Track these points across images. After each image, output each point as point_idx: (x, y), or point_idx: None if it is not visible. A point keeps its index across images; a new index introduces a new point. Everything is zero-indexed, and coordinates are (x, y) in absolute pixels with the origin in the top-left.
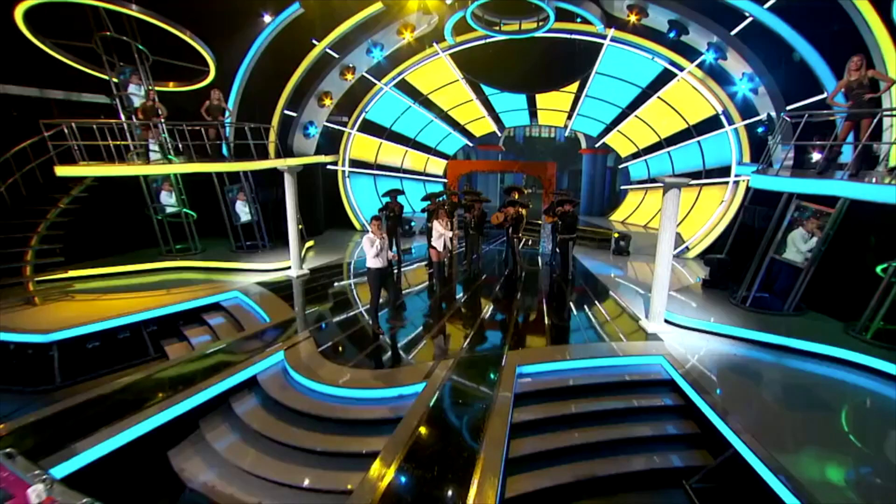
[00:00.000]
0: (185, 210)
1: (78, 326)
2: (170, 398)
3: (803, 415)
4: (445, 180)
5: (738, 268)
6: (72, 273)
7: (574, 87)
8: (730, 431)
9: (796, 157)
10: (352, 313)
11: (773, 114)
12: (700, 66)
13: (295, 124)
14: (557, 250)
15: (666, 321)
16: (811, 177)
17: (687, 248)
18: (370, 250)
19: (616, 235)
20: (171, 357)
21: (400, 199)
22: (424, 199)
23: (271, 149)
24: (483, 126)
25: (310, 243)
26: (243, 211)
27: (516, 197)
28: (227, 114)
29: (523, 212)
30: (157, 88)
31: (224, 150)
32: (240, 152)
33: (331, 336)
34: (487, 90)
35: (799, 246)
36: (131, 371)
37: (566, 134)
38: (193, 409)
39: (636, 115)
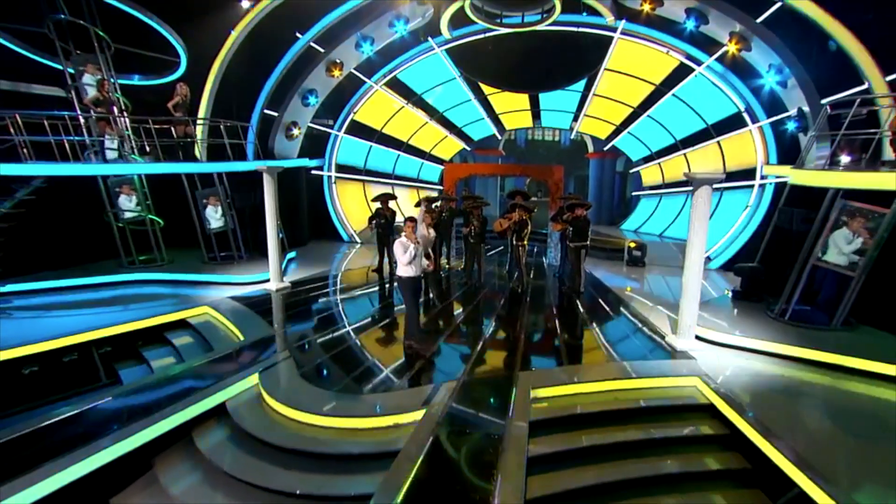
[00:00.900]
0: (149, 216)
1: (11, 348)
2: (118, 432)
3: (872, 446)
4: (441, 187)
5: (773, 277)
6: (10, 288)
7: (581, 85)
8: (794, 467)
9: (832, 156)
10: (338, 332)
11: (807, 108)
12: (720, 59)
13: (276, 125)
14: (567, 260)
15: (696, 338)
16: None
17: (708, 258)
18: (402, 256)
19: (632, 245)
20: (126, 383)
21: (392, 204)
22: (418, 204)
23: (250, 150)
24: (482, 129)
25: (291, 254)
26: (213, 217)
27: (520, 201)
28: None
29: (527, 217)
30: (121, 81)
31: (197, 151)
32: (215, 154)
33: (314, 356)
34: (486, 89)
35: (841, 247)
36: (76, 400)
37: (572, 137)
38: (147, 444)
39: (649, 115)
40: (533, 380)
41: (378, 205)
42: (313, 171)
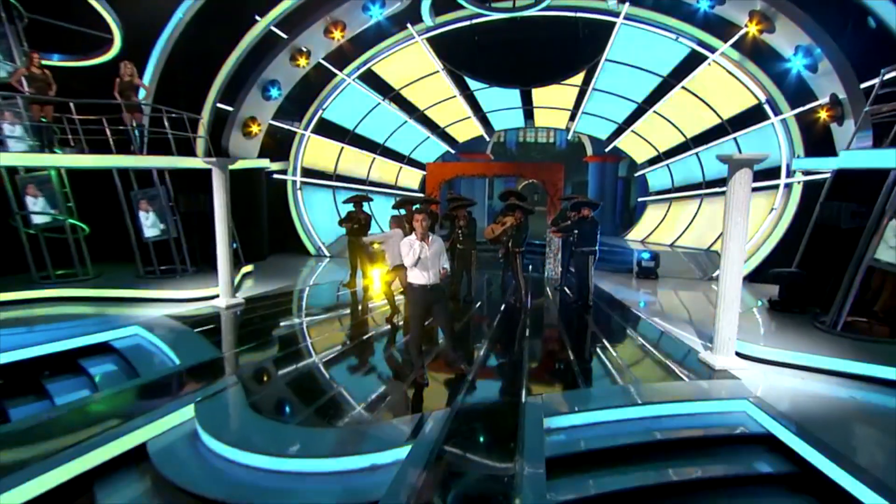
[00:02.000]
0: (70, 221)
1: None
2: None
3: None
4: (422, 195)
5: (817, 283)
6: None
7: (579, 79)
8: None
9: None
10: (300, 353)
11: (843, 95)
12: (737, 44)
13: (232, 120)
14: (571, 269)
15: (737, 354)
16: None
17: None
18: (407, 257)
19: (645, 255)
20: (14, 422)
21: (367, 207)
22: (396, 205)
23: (199, 146)
24: (467, 129)
25: (247, 268)
26: (147, 223)
27: (515, 200)
28: (141, 92)
29: (524, 219)
30: (43, 63)
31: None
32: (156, 149)
33: (270, 383)
34: (473, 84)
35: (889, 241)
36: None
37: (568, 138)
38: (30, 502)
39: (655, 111)
40: (546, 406)
41: (350, 207)
42: (276, 175)
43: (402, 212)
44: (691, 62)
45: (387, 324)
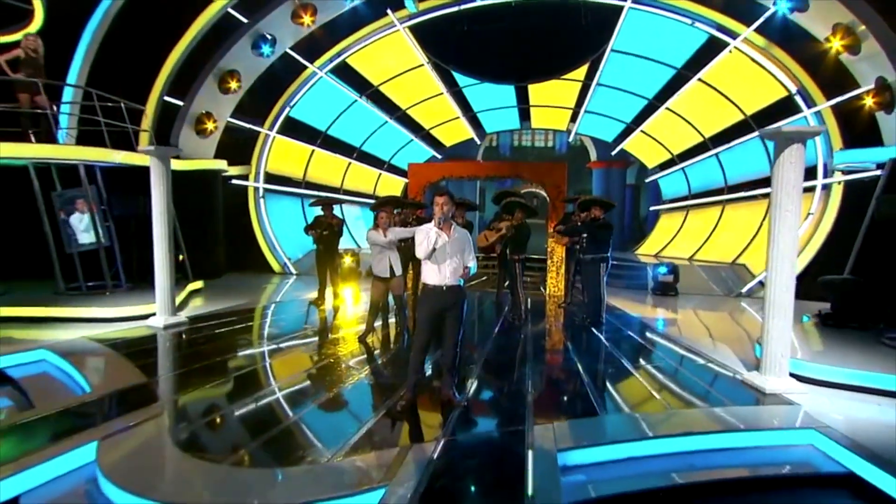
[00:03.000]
0: None
1: None
2: None
3: None
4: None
5: (878, 290)
6: None
7: (581, 72)
8: None
9: None
10: (253, 387)
11: (893, 77)
12: (763, 27)
13: (182, 115)
14: (578, 285)
15: (791, 375)
16: None
17: (760, 283)
18: (420, 248)
19: (662, 270)
20: None
21: (339, 210)
22: (375, 207)
23: (143, 143)
24: (456, 131)
25: (196, 285)
26: (73, 230)
27: (513, 199)
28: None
29: (513, 219)
30: None
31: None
32: (86, 143)
33: (207, 415)
34: (462, 80)
35: None
36: None
37: (570, 140)
38: None
39: (668, 108)
40: (559, 437)
41: (319, 211)
42: (235, 181)
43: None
44: (709, 50)
45: (359, 344)
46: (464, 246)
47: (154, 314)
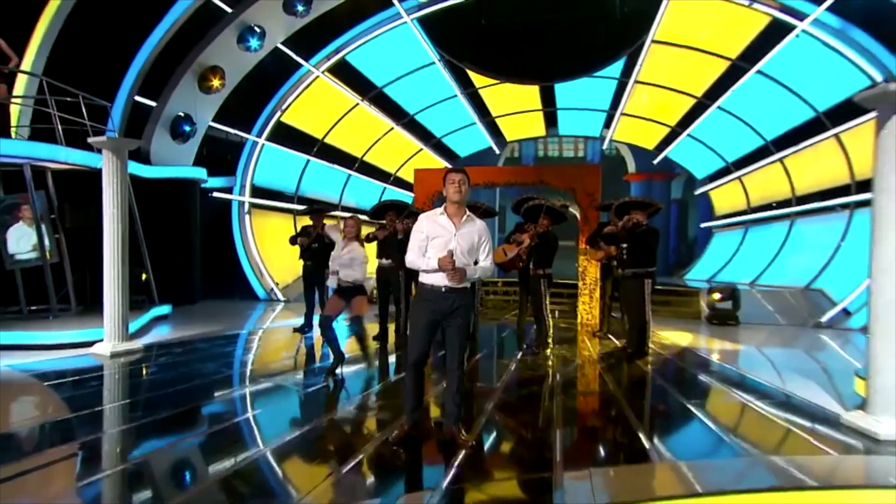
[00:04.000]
0: None
1: None
2: None
3: None
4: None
5: None
6: None
7: (616, 69)
8: None
9: None
10: (207, 422)
11: None
12: (837, 5)
13: (155, 118)
14: (610, 308)
15: None
16: None
17: (845, 311)
18: (414, 238)
19: (715, 297)
20: None
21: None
22: (372, 214)
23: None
24: (472, 140)
25: (163, 310)
26: (15, 243)
27: (540, 201)
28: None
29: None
30: None
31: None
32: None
33: (129, 458)
34: (478, 80)
35: None
36: None
37: (604, 149)
38: None
39: (721, 108)
40: (598, 489)
41: (308, 220)
42: (216, 194)
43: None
44: (771, 36)
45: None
46: (475, 238)
47: (100, 340)
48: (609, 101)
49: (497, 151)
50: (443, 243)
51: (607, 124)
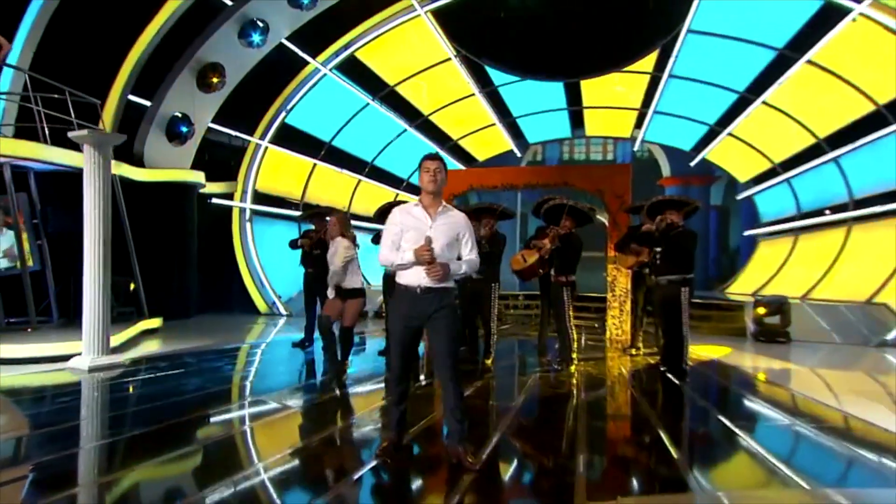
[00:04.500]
0: None
1: None
2: None
3: None
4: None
5: None
6: None
7: (649, 62)
8: None
9: None
10: (182, 442)
11: None
12: None
13: (150, 118)
14: (640, 319)
15: None
16: None
17: None
18: (388, 232)
19: (760, 312)
20: None
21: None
22: (378, 216)
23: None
24: (491, 142)
25: (152, 323)
26: None
27: (562, 200)
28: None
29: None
30: None
31: None
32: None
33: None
34: (498, 77)
35: None
36: None
37: (635, 150)
38: None
39: (766, 103)
40: None
41: (310, 226)
42: (216, 200)
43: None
44: (822, 22)
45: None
46: (458, 234)
47: (78, 354)
48: (641, 98)
49: (519, 154)
50: (418, 237)
51: (639, 124)
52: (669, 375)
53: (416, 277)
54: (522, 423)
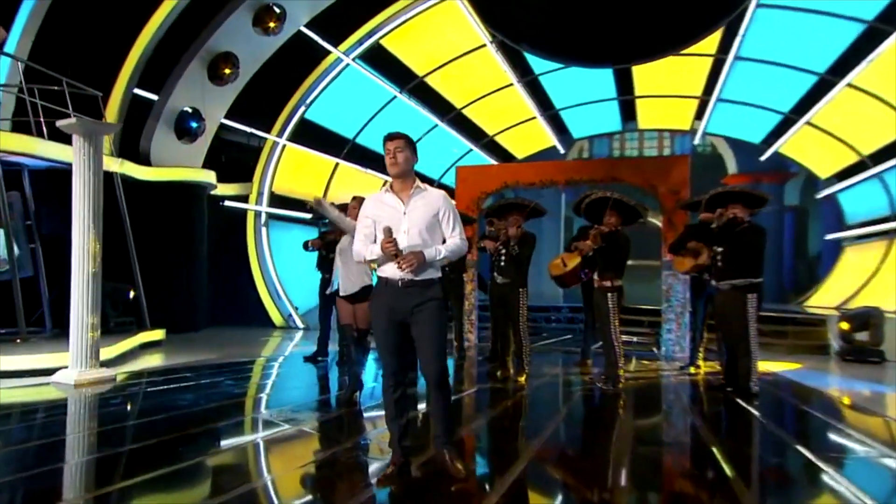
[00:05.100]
0: None
1: None
2: None
3: None
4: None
5: None
6: None
7: (711, 43)
8: None
9: None
10: (163, 463)
11: None
12: None
13: (157, 113)
14: (701, 330)
15: None
16: None
17: None
18: (360, 226)
19: (845, 327)
20: None
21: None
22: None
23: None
24: (531, 138)
25: (154, 335)
26: None
27: (605, 193)
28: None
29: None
30: None
31: None
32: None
33: None
34: (539, 64)
35: None
36: None
37: (695, 144)
38: None
39: (851, 85)
40: None
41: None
42: (228, 203)
43: None
44: None
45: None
46: (433, 213)
47: (65, 367)
48: (702, 84)
49: (562, 151)
50: (395, 226)
51: (700, 114)
52: (735, 398)
53: (395, 270)
54: (557, 449)
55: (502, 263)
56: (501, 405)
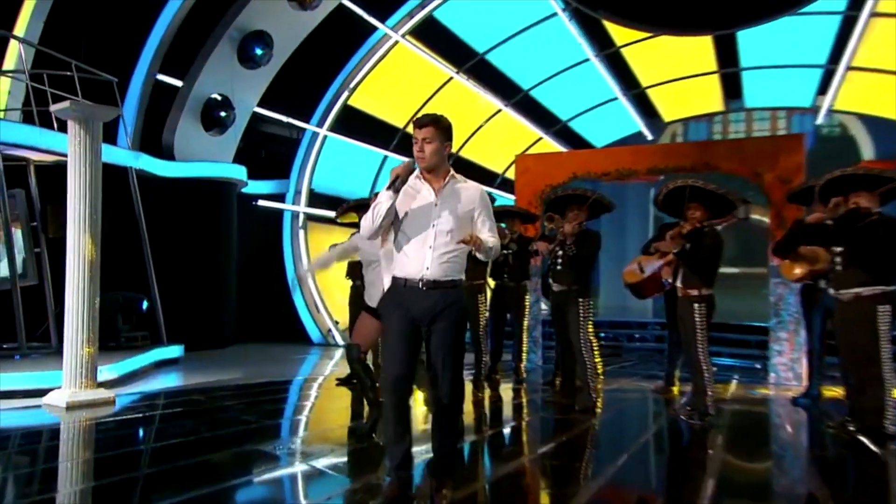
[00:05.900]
0: None
1: None
2: None
3: None
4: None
5: None
6: None
7: (838, 1)
8: None
9: None
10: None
11: None
12: None
13: (181, 101)
14: (821, 351)
15: None
16: None
17: None
18: (371, 215)
19: None
20: None
21: None
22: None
23: (121, 137)
24: (612, 123)
25: (170, 351)
26: None
27: (694, 182)
28: None
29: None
30: None
31: None
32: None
33: None
34: (619, 33)
35: None
36: None
37: (818, 124)
38: None
39: None
40: None
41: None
42: (261, 202)
43: None
44: None
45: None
46: (468, 209)
47: (58, 387)
48: (828, 51)
49: (650, 137)
50: (424, 220)
51: (823, 88)
52: (863, 439)
53: (418, 268)
54: (619, 497)
55: (558, 267)
56: (556, 439)
